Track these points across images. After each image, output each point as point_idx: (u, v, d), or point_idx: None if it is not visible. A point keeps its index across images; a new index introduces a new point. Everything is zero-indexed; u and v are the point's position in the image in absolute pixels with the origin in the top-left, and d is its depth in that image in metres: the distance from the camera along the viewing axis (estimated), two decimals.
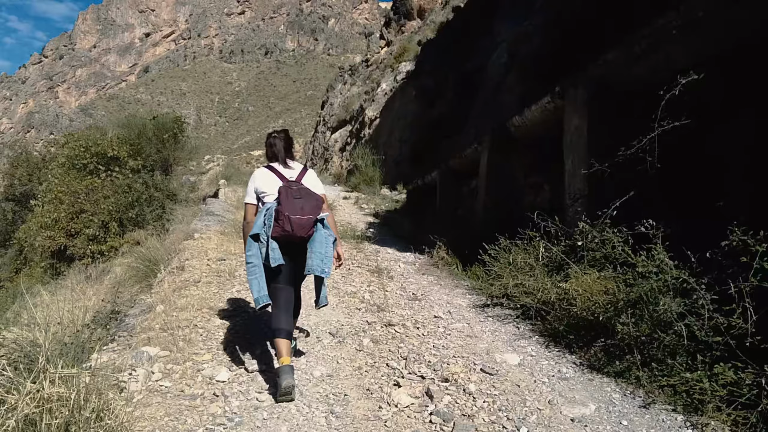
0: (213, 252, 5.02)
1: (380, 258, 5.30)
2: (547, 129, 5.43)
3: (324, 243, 2.70)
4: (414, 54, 18.80)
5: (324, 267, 2.67)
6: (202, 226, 6.13)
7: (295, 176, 2.88)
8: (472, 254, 5.06)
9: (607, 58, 4.17)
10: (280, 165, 2.91)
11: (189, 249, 5.13)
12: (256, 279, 2.67)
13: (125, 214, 10.88)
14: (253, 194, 2.87)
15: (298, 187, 2.75)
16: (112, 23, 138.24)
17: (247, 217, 2.88)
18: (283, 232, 2.61)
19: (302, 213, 2.61)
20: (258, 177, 2.90)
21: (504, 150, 6.19)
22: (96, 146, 12.00)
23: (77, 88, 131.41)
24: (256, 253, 2.69)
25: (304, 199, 2.68)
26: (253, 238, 2.72)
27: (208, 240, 5.45)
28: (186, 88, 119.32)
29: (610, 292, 2.79)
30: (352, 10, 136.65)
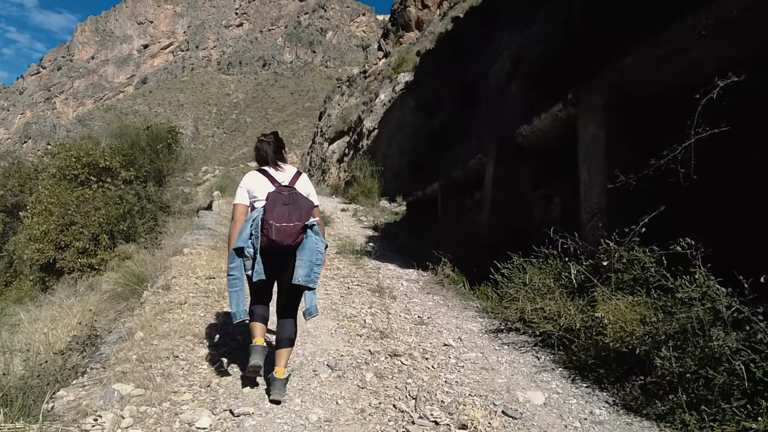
0: (202, 269, 4.68)
1: (381, 275, 4.96)
2: (558, 138, 5.14)
3: (314, 251, 2.59)
4: (413, 65, 18.61)
5: (312, 276, 2.56)
6: (192, 240, 5.78)
7: (287, 180, 2.77)
8: (480, 271, 4.73)
9: (626, 63, 3.87)
10: (271, 168, 2.80)
11: (177, 266, 4.79)
12: (236, 293, 2.61)
13: (116, 227, 10.52)
14: (244, 196, 2.77)
15: (289, 192, 2.66)
16: (110, 35, 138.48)
17: (236, 216, 2.75)
18: (268, 242, 2.51)
19: (288, 220, 2.52)
20: (248, 180, 2.80)
21: (511, 160, 5.88)
22: (88, 156, 11.67)
23: (75, 99, 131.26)
24: (239, 266, 2.61)
25: (293, 205, 2.58)
26: (237, 253, 2.61)
27: (197, 256, 5.11)
28: (184, 100, 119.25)
29: (647, 321, 2.46)
30: (349, 23, 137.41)
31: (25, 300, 10.62)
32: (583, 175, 4.29)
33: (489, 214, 5.84)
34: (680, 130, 3.62)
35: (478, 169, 6.87)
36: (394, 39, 30.62)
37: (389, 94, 18.37)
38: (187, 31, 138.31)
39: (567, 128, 4.80)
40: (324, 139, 27.27)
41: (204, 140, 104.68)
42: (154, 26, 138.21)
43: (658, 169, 3.07)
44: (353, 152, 19.85)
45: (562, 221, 5.14)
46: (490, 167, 5.99)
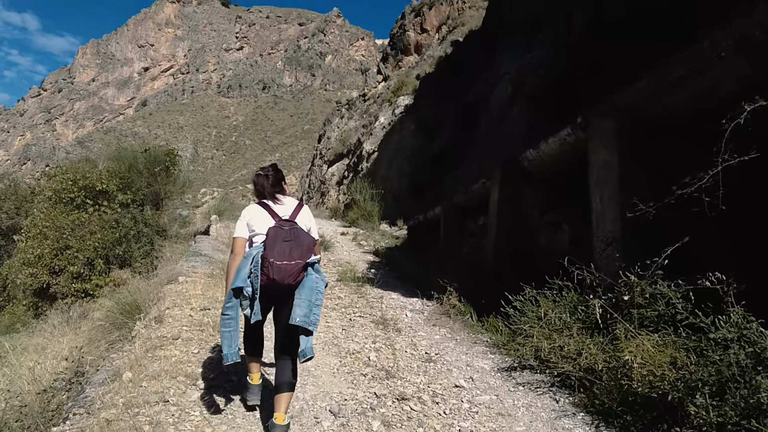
0: (197, 299, 4.46)
1: (384, 305, 4.75)
2: (565, 163, 5.00)
3: (314, 290, 2.48)
4: (412, 88, 18.66)
5: (311, 318, 2.43)
6: (188, 267, 5.58)
7: (288, 214, 2.67)
8: (488, 301, 4.54)
9: (638, 86, 3.75)
10: (271, 201, 2.72)
11: (171, 295, 4.58)
12: (230, 333, 2.53)
13: (112, 251, 10.32)
14: (243, 229, 2.68)
15: (290, 227, 2.55)
16: (111, 57, 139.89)
17: (235, 249, 2.66)
18: (268, 281, 2.41)
19: (290, 258, 2.42)
20: (248, 214, 2.71)
21: (516, 185, 5.74)
22: (84, 179, 11.53)
23: (75, 121, 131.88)
24: (235, 305, 2.53)
25: (295, 242, 2.48)
26: (235, 293, 2.50)
27: (193, 284, 4.90)
28: (183, 122, 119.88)
29: (679, 364, 2.26)
30: (348, 47, 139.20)
31: (17, 326, 10.36)
32: (594, 202, 4.13)
33: (494, 240, 5.66)
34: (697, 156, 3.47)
35: (482, 193, 6.73)
36: (393, 63, 30.91)
37: (389, 117, 18.37)
38: (187, 55, 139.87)
39: (576, 153, 4.67)
40: (323, 161, 27.24)
41: (203, 162, 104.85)
42: (155, 49, 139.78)
43: (680, 197, 2.91)
44: (353, 175, 19.76)
45: (571, 249, 4.97)
46: (495, 192, 5.84)
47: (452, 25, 26.38)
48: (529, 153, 5.34)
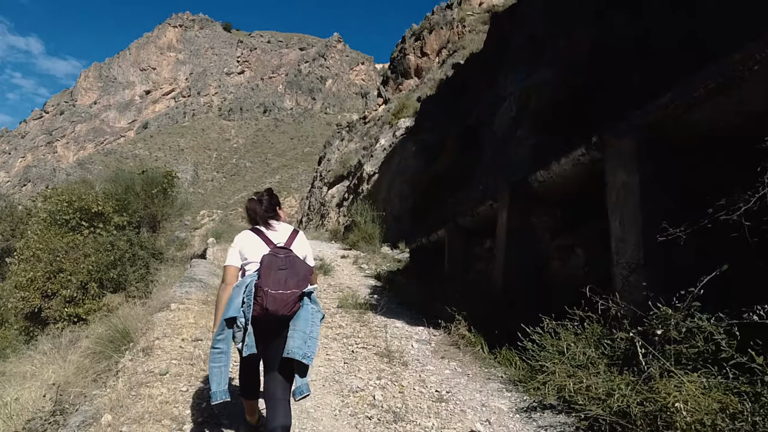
0: (189, 329, 4.18)
1: (389, 334, 4.46)
2: (579, 184, 4.78)
3: (309, 321, 2.35)
4: (413, 110, 18.61)
5: (306, 350, 2.29)
6: (181, 293, 5.30)
7: (283, 241, 2.54)
8: (500, 332, 4.26)
9: (660, 103, 3.54)
10: (264, 227, 2.59)
11: (161, 324, 4.29)
12: (219, 369, 2.35)
13: (106, 275, 10.05)
14: (235, 257, 2.54)
15: (285, 255, 2.41)
16: (113, 81, 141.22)
17: (227, 278, 2.50)
18: (261, 311, 2.26)
19: (285, 287, 2.28)
20: (240, 242, 2.57)
21: (525, 208, 5.50)
22: (80, 201, 11.31)
23: (76, 143, 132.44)
24: (226, 338, 2.36)
25: (290, 270, 2.35)
26: (228, 324, 2.34)
27: (185, 312, 4.62)
28: (184, 144, 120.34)
29: (731, 412, 1.98)
30: (348, 71, 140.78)
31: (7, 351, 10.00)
32: (613, 225, 3.88)
33: (503, 265, 5.40)
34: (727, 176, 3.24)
35: (489, 215, 6.49)
36: (394, 86, 31.05)
37: (390, 139, 18.27)
38: (189, 78, 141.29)
39: (590, 173, 4.44)
40: (323, 183, 27.10)
41: (203, 184, 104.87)
42: (157, 73, 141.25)
43: (715, 221, 2.67)
44: (353, 197, 19.58)
45: (586, 275, 4.71)
46: (503, 214, 5.60)
47: (452, 49, 26.56)
48: (539, 174, 5.11)
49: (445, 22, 29.50)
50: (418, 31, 30.47)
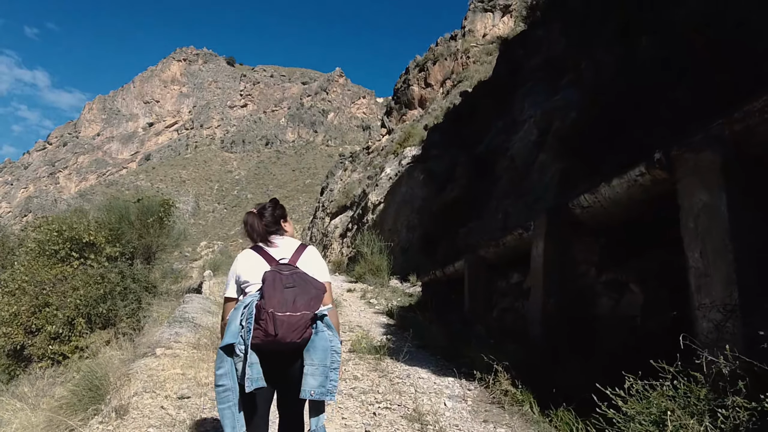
0: (174, 382, 3.45)
1: (414, 388, 3.72)
2: (630, 209, 4.12)
3: (328, 351, 1.96)
4: (419, 139, 18.17)
5: (327, 387, 1.94)
6: (169, 336, 4.57)
7: (288, 257, 2.17)
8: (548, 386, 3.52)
9: (751, 109, 2.92)
10: (264, 244, 2.22)
11: (143, 375, 3.56)
12: (230, 409, 1.93)
13: (95, 309, 9.30)
14: (234, 286, 2.17)
15: (291, 271, 2.03)
16: (117, 113, 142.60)
17: (225, 314, 2.14)
18: (266, 338, 1.87)
19: (294, 308, 1.89)
20: (238, 266, 2.20)
21: (565, 237, 4.83)
22: (70, 230, 10.64)
23: (78, 174, 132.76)
24: (229, 371, 1.95)
25: (299, 288, 1.96)
26: (226, 351, 1.96)
27: (172, 360, 3.89)
28: (186, 176, 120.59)
29: None
30: (350, 105, 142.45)
31: None
32: (692, 258, 3.19)
33: (541, 304, 4.68)
34: None
35: (517, 246, 5.82)
36: (397, 116, 30.90)
37: (395, 167, 17.74)
38: (192, 111, 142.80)
39: (650, 196, 3.79)
40: (326, 213, 26.54)
41: (204, 215, 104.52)
42: (160, 105, 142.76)
43: None
44: (357, 227, 18.93)
45: (646, 317, 4.01)
46: (539, 245, 4.92)
47: (456, 80, 26.47)
48: (583, 198, 4.45)
49: (449, 53, 29.55)
50: (421, 62, 30.50)
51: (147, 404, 3.08)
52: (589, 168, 6.60)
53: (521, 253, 5.83)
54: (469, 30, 30.68)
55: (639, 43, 6.96)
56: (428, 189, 14.11)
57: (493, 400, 3.48)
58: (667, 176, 3.58)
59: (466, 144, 14.02)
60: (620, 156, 5.84)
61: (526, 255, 5.71)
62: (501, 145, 11.34)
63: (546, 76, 9.85)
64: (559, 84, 9.29)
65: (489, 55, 26.41)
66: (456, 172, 13.00)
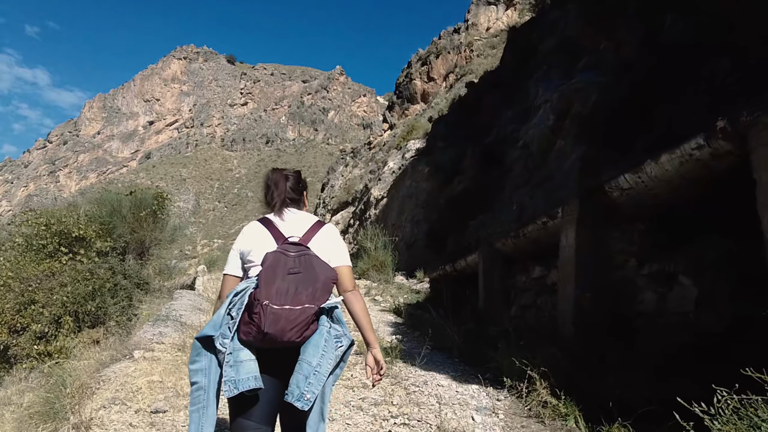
0: (150, 392, 2.89)
1: (435, 398, 3.16)
2: (680, 190, 3.56)
3: (319, 349, 1.60)
4: (423, 132, 17.61)
5: (302, 389, 1.56)
6: (151, 336, 4.02)
7: (299, 235, 1.80)
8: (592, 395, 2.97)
9: None
10: (277, 216, 1.87)
11: (114, 383, 3.01)
12: (198, 413, 1.60)
13: (83, 307, 8.75)
14: (237, 261, 1.84)
15: (299, 253, 1.68)
16: (117, 111, 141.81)
17: (223, 292, 1.80)
18: (258, 335, 1.54)
19: (295, 300, 1.55)
20: (244, 239, 1.87)
21: (600, 224, 4.26)
22: (59, 224, 10.10)
23: (78, 173, 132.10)
24: (206, 368, 1.63)
25: (305, 275, 1.62)
26: (203, 343, 1.64)
27: (151, 364, 3.33)
28: (186, 174, 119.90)
29: None
30: (351, 103, 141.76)
31: None
32: None
33: (573, 300, 4.12)
34: None
35: (538, 236, 5.26)
36: (399, 111, 30.35)
37: (399, 161, 17.18)
38: (192, 109, 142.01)
39: (710, 172, 3.24)
40: (326, 210, 26.00)
41: (204, 214, 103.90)
42: (161, 104, 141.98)
43: None
44: (359, 223, 18.39)
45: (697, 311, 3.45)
46: (570, 233, 4.35)
47: (460, 73, 25.90)
48: (622, 179, 3.88)
49: (452, 46, 28.97)
50: (424, 55, 29.91)
51: (113, 420, 2.53)
52: (616, 152, 6.07)
53: (544, 245, 5.29)
54: (473, 23, 30.09)
55: (663, 21, 6.44)
56: (434, 182, 13.54)
57: (529, 413, 2.92)
58: (731, 148, 3.01)
59: (473, 135, 13.46)
60: (651, 137, 5.30)
61: (550, 247, 5.17)
62: (511, 134, 10.80)
63: (561, 59, 9.30)
64: (575, 67, 8.75)
65: (493, 49, 25.85)
66: (463, 164, 12.44)
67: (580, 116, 7.18)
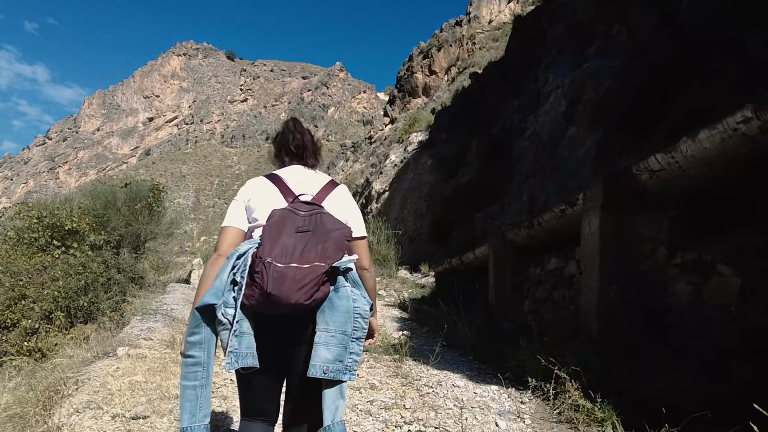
0: (132, 392, 2.56)
1: (452, 401, 2.83)
2: (718, 170, 3.22)
3: (348, 313, 1.37)
4: (426, 124, 17.26)
5: (346, 362, 1.35)
6: (139, 332, 3.69)
7: (312, 192, 1.55)
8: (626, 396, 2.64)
9: None
10: (289, 170, 1.63)
11: (93, 383, 2.67)
12: (195, 391, 1.36)
13: (75, 302, 8.43)
14: (238, 214, 1.55)
15: (310, 212, 1.44)
16: (116, 108, 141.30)
17: (220, 245, 1.50)
18: (262, 298, 1.29)
19: (302, 258, 1.31)
20: (249, 191, 1.59)
21: (626, 210, 3.92)
22: (51, 217, 9.78)
23: (78, 170, 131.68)
24: (205, 340, 1.38)
25: (315, 232, 1.38)
26: (202, 313, 1.37)
27: (134, 363, 3.00)
28: (186, 171, 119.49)
29: None
30: (350, 100, 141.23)
31: None
32: None
33: (598, 292, 3.78)
34: None
35: (554, 226, 4.92)
36: (401, 105, 29.99)
37: (401, 154, 16.82)
38: (192, 106, 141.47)
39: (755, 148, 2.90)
40: None
41: (204, 211, 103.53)
42: (160, 100, 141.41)
43: None
44: None
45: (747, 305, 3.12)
46: (593, 220, 4.00)
47: (462, 66, 25.52)
48: (653, 160, 3.53)
49: (454, 39, 28.58)
50: (426, 48, 29.52)
51: (86, 427, 2.20)
52: (633, 137, 5.74)
53: (560, 235, 4.96)
54: (475, 16, 29.70)
55: (679, 1, 6.12)
56: (437, 175, 13.20)
57: (559, 417, 2.58)
58: None
59: (477, 126, 13.12)
60: (676, 119, 4.98)
61: (567, 237, 4.84)
62: (518, 125, 10.47)
63: (571, 45, 8.94)
64: (587, 53, 8.41)
65: (495, 41, 25.49)
66: (468, 156, 12.11)
67: (594, 102, 6.84)
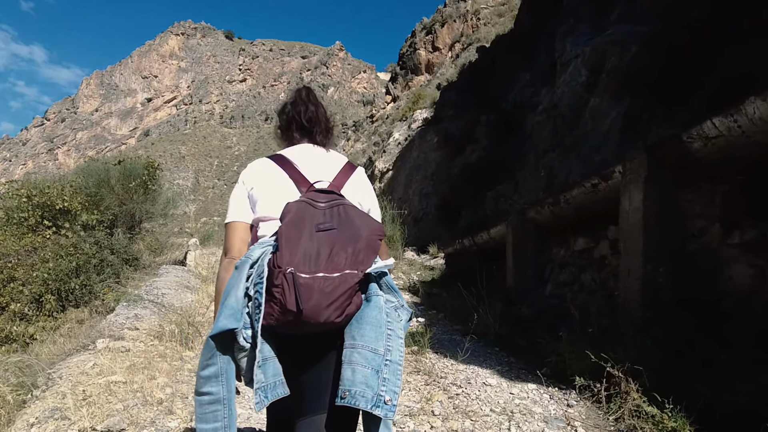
0: (109, 396, 2.14)
1: (488, 405, 2.41)
2: None
3: (383, 329, 1.11)
4: (431, 101, 16.68)
5: (372, 389, 1.05)
6: (124, 319, 3.26)
7: (328, 177, 1.33)
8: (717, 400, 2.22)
9: None
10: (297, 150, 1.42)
11: (64, 383, 2.25)
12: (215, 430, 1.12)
13: (66, 285, 8.03)
14: (242, 206, 1.34)
15: (330, 202, 1.20)
16: (115, 88, 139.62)
17: (229, 248, 1.29)
18: (282, 317, 1.05)
19: (328, 266, 1.06)
20: (252, 176, 1.39)
21: (673, 184, 3.46)
22: (42, 195, 9.31)
23: (77, 151, 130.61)
24: (223, 372, 1.13)
25: (340, 231, 1.13)
26: (219, 345, 1.12)
27: (116, 356, 2.57)
28: (185, 152, 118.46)
29: None
30: (351, 80, 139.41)
31: None
32: None
33: (642, 276, 3.34)
34: None
35: (583, 202, 4.45)
36: (403, 83, 29.29)
37: (404, 132, 16.28)
38: (190, 86, 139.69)
39: None
40: None
41: (204, 192, 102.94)
42: (159, 80, 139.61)
43: None
44: None
45: None
46: (635, 195, 3.54)
47: (466, 42, 24.76)
48: (709, 126, 3.06)
49: (459, 14, 27.72)
50: (429, 24, 28.67)
51: None
52: (664, 106, 5.26)
53: (588, 213, 4.52)
54: None
55: None
56: (444, 153, 12.70)
57: (617, 426, 2.16)
58: None
59: (486, 102, 12.58)
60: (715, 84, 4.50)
61: (595, 214, 4.41)
62: (530, 99, 9.95)
63: (590, 12, 8.37)
64: (607, 20, 7.86)
65: (500, 17, 24.68)
66: (476, 133, 11.59)
67: (618, 70, 6.33)
